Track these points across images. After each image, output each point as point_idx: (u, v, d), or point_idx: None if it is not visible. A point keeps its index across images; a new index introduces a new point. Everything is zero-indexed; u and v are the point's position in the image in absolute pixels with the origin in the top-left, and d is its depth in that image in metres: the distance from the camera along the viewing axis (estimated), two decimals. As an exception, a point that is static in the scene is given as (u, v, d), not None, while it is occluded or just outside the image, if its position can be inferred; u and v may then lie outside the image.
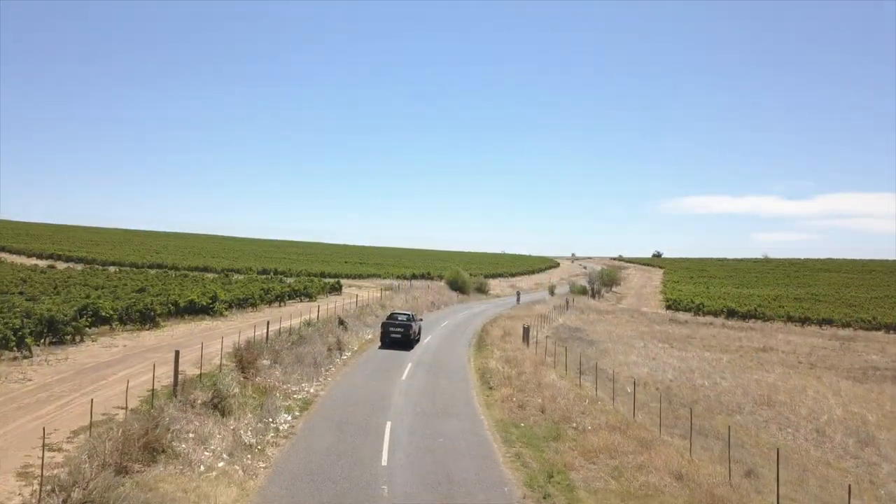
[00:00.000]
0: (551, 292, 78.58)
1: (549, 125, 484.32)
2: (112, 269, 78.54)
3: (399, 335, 32.72)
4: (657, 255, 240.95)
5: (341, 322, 34.86)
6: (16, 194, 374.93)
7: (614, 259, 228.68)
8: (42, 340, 24.27)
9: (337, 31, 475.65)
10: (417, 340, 35.14)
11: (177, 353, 17.10)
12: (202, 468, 12.96)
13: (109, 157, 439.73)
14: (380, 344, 32.72)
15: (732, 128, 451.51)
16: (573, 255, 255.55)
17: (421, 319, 39.68)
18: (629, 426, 18.41)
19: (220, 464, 13.41)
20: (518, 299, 71.09)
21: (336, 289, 62.35)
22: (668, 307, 73.95)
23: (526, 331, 35.09)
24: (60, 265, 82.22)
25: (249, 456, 14.21)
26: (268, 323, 28.17)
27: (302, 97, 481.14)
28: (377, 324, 40.18)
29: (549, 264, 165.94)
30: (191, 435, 14.35)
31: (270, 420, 17.08)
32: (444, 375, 25.74)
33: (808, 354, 44.91)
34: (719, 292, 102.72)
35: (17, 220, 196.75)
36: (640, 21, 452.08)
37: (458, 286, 75.67)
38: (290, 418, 17.82)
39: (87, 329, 27.09)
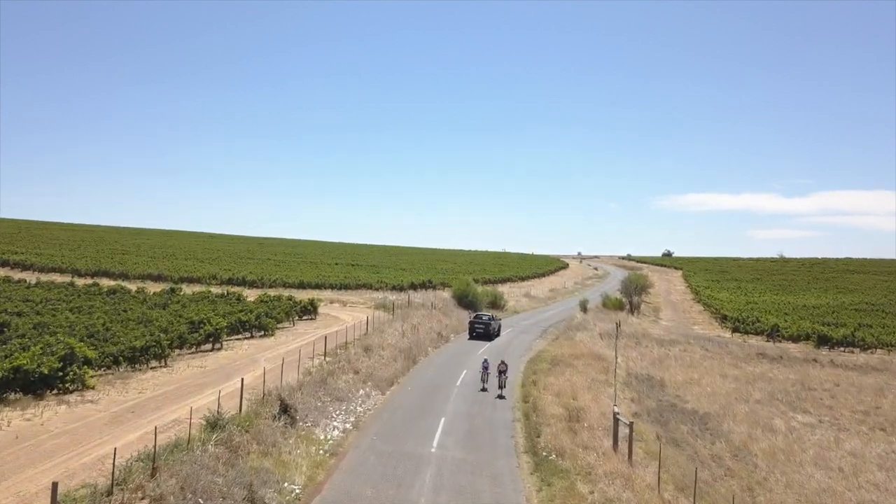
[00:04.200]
0: (583, 308, 62.46)
1: (549, 124, 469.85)
2: (34, 278, 62.69)
3: (482, 330, 42.86)
4: (668, 255, 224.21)
5: (285, 409, 19.16)
6: (12, 191, 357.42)
7: (623, 258, 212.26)
8: None
9: (333, 27, 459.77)
10: (498, 335, 44.35)
11: None
12: None
13: (105, 154, 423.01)
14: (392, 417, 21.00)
15: (731, 126, 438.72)
16: (580, 253, 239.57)
17: (500, 319, 48.03)
18: None
19: None
20: (484, 373, 27.87)
21: (309, 311, 46.55)
22: (735, 330, 58.36)
23: (618, 424, 19.48)
24: (-26, 273, 66.46)
25: None
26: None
27: (303, 95, 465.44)
28: (355, 391, 24.78)
29: (557, 265, 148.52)
30: None
31: None
32: None
33: None
34: (761, 301, 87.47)
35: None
36: (641, 21, 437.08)
37: (468, 301, 60.06)
38: None
39: None
